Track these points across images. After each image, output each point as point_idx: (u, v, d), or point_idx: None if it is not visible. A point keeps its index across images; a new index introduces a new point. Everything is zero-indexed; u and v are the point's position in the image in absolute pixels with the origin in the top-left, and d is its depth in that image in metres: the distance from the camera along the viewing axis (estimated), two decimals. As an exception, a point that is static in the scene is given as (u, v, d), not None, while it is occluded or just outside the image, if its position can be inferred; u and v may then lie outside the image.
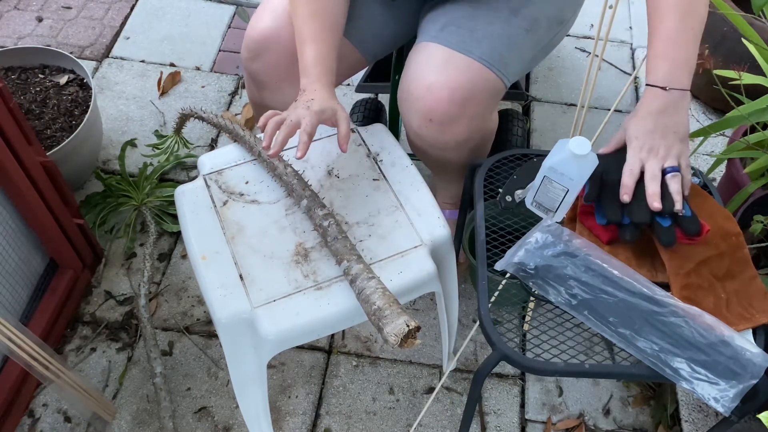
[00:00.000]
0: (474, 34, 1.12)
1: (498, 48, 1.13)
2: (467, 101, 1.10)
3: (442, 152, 1.19)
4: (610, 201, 0.98)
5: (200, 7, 2.12)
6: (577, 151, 0.94)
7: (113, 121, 1.79)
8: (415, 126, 1.14)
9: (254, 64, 1.20)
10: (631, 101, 1.94)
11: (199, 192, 1.08)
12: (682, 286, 0.96)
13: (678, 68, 0.97)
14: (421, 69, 1.11)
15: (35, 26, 2.01)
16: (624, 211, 0.96)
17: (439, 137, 1.14)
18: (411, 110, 1.13)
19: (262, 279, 0.98)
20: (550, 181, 0.99)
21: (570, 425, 1.33)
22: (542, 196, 1.03)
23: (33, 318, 1.31)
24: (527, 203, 1.08)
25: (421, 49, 1.14)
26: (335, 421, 1.33)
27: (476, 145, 1.22)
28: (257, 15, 1.20)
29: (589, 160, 0.96)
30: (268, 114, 1.00)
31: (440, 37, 1.13)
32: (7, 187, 1.19)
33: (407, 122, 1.16)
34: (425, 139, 1.16)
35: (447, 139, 1.15)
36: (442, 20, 1.15)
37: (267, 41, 1.17)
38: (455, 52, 1.11)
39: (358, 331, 1.45)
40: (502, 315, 1.38)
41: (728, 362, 0.87)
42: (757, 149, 1.31)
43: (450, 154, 1.20)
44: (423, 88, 1.10)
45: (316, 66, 1.06)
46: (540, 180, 1.01)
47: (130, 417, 1.31)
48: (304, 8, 1.08)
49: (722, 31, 1.68)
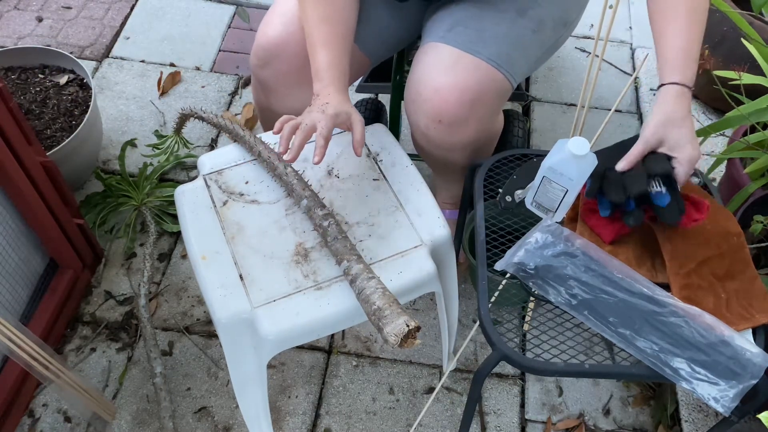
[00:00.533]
0: (482, 34, 1.12)
1: (505, 48, 1.12)
2: (476, 102, 1.10)
3: (447, 153, 1.19)
4: (612, 187, 0.97)
5: (200, 7, 2.12)
6: (577, 152, 0.94)
7: (113, 121, 1.79)
8: (423, 127, 1.14)
9: (264, 72, 1.20)
10: (631, 101, 1.94)
11: (199, 192, 1.08)
12: (682, 286, 0.96)
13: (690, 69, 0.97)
14: (429, 70, 1.11)
15: (35, 26, 2.01)
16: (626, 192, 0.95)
17: (447, 138, 1.14)
18: (419, 111, 1.13)
19: (262, 279, 0.98)
20: (549, 181, 0.99)
21: (570, 425, 1.33)
22: (542, 197, 1.03)
23: (33, 318, 1.31)
24: (527, 203, 1.08)
25: (429, 49, 1.13)
26: (335, 421, 1.33)
27: (482, 146, 1.22)
28: (266, 21, 1.19)
29: (588, 161, 0.96)
30: (283, 119, 1.00)
31: (448, 37, 1.12)
32: (7, 187, 1.19)
33: (414, 123, 1.16)
34: (432, 140, 1.15)
35: (455, 141, 1.14)
36: (448, 21, 1.15)
37: (277, 48, 1.16)
38: (463, 52, 1.10)
39: (358, 331, 1.45)
40: (502, 315, 1.38)
41: (728, 362, 0.87)
42: (757, 149, 1.31)
43: (455, 155, 1.20)
44: (431, 89, 1.09)
45: (329, 70, 1.05)
46: (539, 180, 1.01)
47: (130, 417, 1.31)
48: (315, 13, 1.08)
49: (722, 31, 1.68)
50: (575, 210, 1.06)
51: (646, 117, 1.88)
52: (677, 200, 0.95)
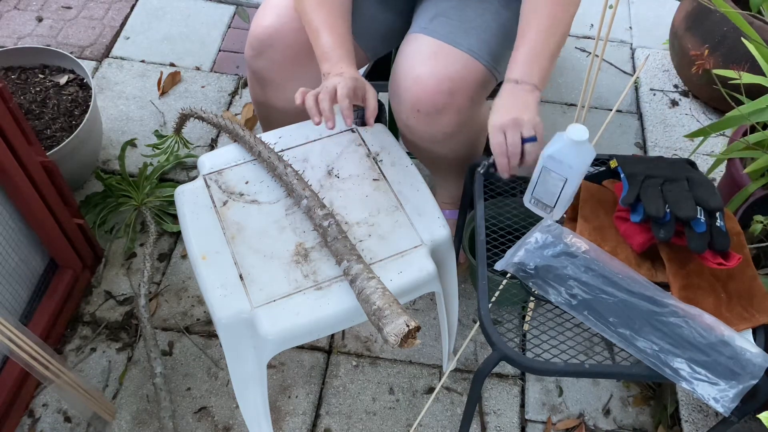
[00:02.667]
0: (463, 25, 1.13)
1: (487, 40, 1.13)
2: (455, 92, 1.10)
3: (431, 145, 1.20)
4: (652, 198, 0.96)
5: (200, 7, 2.12)
6: (576, 137, 0.94)
7: (113, 121, 1.79)
8: (404, 117, 1.15)
9: (258, 62, 1.20)
10: (631, 101, 1.94)
11: (199, 192, 1.08)
12: (682, 286, 0.96)
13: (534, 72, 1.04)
14: (409, 60, 1.12)
15: (35, 26, 2.01)
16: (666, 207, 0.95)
17: (427, 129, 1.14)
18: (400, 101, 1.14)
19: (262, 279, 0.98)
20: (548, 171, 0.99)
21: (570, 425, 1.33)
22: (541, 189, 1.03)
23: (33, 318, 1.31)
24: (525, 201, 1.08)
25: (411, 40, 1.15)
26: (335, 421, 1.33)
27: (467, 140, 1.22)
28: (260, 13, 1.20)
29: (588, 149, 0.96)
30: (302, 90, 1.01)
31: (429, 28, 1.14)
32: (7, 187, 1.19)
33: (397, 114, 1.17)
34: (414, 131, 1.16)
35: (434, 131, 1.15)
36: (432, 12, 1.16)
37: (271, 38, 1.17)
38: (443, 43, 1.11)
39: (358, 331, 1.45)
40: (502, 315, 1.38)
41: (728, 362, 0.87)
42: (757, 149, 1.30)
43: (439, 147, 1.20)
44: (411, 79, 1.11)
45: (336, 49, 1.06)
46: (539, 171, 1.01)
47: (130, 417, 1.31)
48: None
49: (722, 30, 1.68)
50: (575, 210, 1.06)
51: (646, 117, 1.88)
52: (713, 233, 0.94)
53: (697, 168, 1.08)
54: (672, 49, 1.92)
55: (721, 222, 0.95)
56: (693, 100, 1.92)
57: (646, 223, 0.98)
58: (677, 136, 1.83)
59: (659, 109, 1.90)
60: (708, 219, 0.94)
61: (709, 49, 1.71)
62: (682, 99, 1.93)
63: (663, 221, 0.95)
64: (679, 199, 0.95)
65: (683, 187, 0.97)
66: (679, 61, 1.91)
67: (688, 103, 1.92)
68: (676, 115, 1.89)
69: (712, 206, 0.95)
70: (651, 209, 0.95)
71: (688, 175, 1.01)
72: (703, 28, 1.74)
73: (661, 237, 0.94)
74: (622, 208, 1.01)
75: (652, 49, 2.06)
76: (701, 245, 0.93)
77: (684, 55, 1.84)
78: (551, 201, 1.03)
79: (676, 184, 0.98)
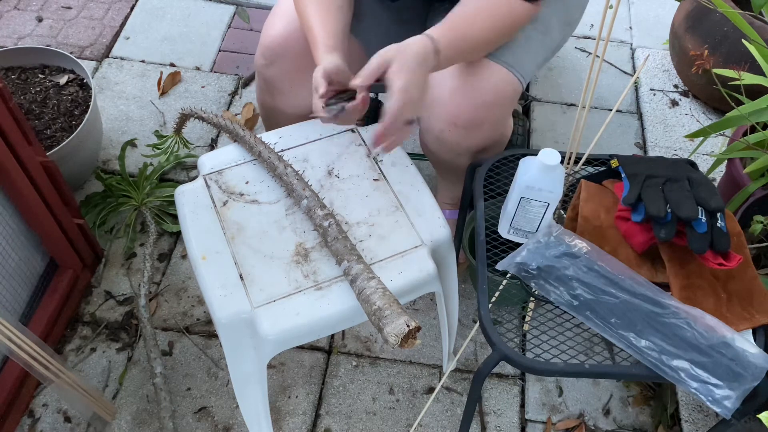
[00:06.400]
0: None
1: (516, 51, 1.12)
2: (492, 105, 1.09)
3: (459, 156, 1.19)
4: (653, 197, 0.97)
5: (200, 7, 2.12)
6: (549, 162, 0.94)
7: (113, 121, 1.79)
8: (437, 131, 1.13)
9: (270, 71, 1.20)
10: (631, 101, 1.94)
11: (199, 192, 1.08)
12: (682, 286, 0.96)
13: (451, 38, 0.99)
14: (442, 73, 1.09)
15: (35, 26, 2.01)
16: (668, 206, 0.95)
17: (462, 142, 1.13)
18: (433, 115, 1.12)
19: (262, 279, 0.98)
20: (527, 201, 0.99)
21: (570, 425, 1.33)
22: (521, 218, 1.02)
23: (33, 318, 1.31)
24: (503, 233, 1.07)
25: None
26: (335, 421, 1.33)
27: (491, 149, 1.22)
28: (269, 22, 1.20)
29: (560, 169, 0.97)
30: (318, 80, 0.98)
31: None
32: (7, 187, 1.19)
33: (427, 127, 1.15)
34: (446, 144, 1.15)
35: (469, 144, 1.14)
36: None
37: (281, 47, 1.17)
38: None
39: (358, 331, 1.45)
40: (502, 315, 1.38)
41: (729, 364, 0.87)
42: (757, 149, 1.30)
43: (465, 158, 1.20)
44: (446, 92, 1.09)
45: (329, 38, 1.04)
46: (516, 204, 1.00)
47: (130, 417, 1.31)
48: None
49: (722, 30, 1.68)
50: (575, 210, 1.06)
51: (646, 117, 1.88)
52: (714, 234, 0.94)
53: (697, 168, 1.08)
54: (672, 49, 1.92)
55: (722, 222, 0.95)
56: (693, 100, 1.92)
57: (647, 223, 0.98)
58: (677, 136, 1.83)
59: (659, 109, 1.90)
60: (709, 219, 0.94)
61: (709, 49, 1.71)
62: (682, 99, 1.93)
63: (664, 221, 0.95)
64: (680, 199, 0.95)
65: (684, 187, 0.98)
66: (679, 61, 1.91)
67: (688, 103, 1.92)
68: (676, 115, 1.89)
69: (713, 206, 0.95)
70: (652, 209, 0.95)
71: (688, 175, 1.01)
72: (703, 28, 1.74)
73: (662, 237, 0.95)
74: (623, 208, 1.01)
75: (652, 49, 2.06)
76: (702, 245, 0.93)
77: (684, 55, 1.84)
78: (533, 227, 1.03)
79: (677, 185, 0.98)
